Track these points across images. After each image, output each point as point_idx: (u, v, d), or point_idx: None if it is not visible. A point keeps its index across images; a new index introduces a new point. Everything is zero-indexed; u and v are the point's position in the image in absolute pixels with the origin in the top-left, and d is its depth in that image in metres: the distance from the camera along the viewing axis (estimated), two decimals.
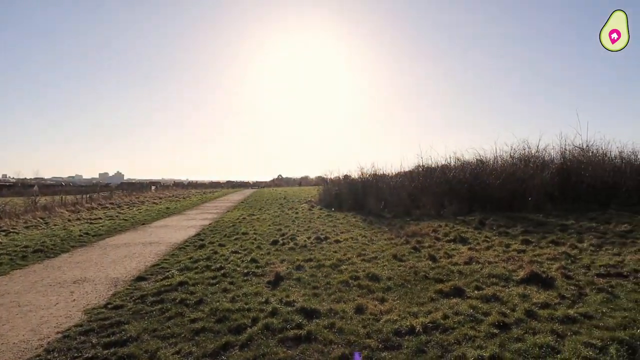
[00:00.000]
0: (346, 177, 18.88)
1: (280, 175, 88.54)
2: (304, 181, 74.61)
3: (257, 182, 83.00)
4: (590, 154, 14.91)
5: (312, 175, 67.62)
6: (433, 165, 15.88)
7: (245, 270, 6.23)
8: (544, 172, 13.40)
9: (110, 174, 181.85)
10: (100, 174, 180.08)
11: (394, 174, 17.39)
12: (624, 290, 4.53)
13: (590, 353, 3.04)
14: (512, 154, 15.74)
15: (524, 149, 15.69)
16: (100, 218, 15.26)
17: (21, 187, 39.02)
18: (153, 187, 46.09)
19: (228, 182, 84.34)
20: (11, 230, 11.52)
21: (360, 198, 15.78)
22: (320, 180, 22.77)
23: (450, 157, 16.39)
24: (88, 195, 23.23)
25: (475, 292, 4.74)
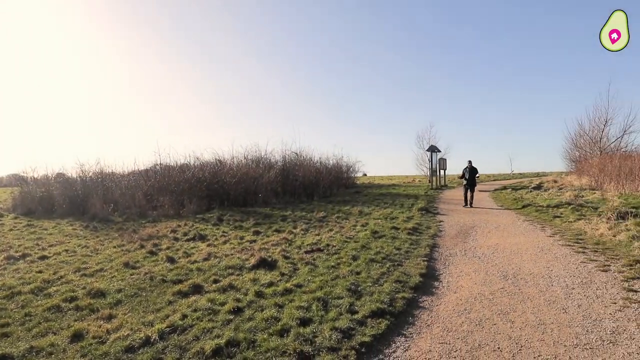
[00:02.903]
0: (60, 175, 15.02)
1: None
2: None
3: None
4: (302, 158, 19.41)
5: (3, 173, 49.11)
6: (172, 164, 15.34)
7: None
8: (271, 171, 15.88)
9: None
10: None
11: (126, 172, 15.44)
12: (321, 260, 5.98)
13: (301, 313, 3.79)
14: (246, 156, 17.87)
15: (256, 152, 18.25)
16: None
17: None
18: None
19: None
20: None
21: (81, 201, 13.01)
22: (18, 180, 16.97)
23: (190, 156, 16.41)
24: None
25: (214, 285, 4.90)
